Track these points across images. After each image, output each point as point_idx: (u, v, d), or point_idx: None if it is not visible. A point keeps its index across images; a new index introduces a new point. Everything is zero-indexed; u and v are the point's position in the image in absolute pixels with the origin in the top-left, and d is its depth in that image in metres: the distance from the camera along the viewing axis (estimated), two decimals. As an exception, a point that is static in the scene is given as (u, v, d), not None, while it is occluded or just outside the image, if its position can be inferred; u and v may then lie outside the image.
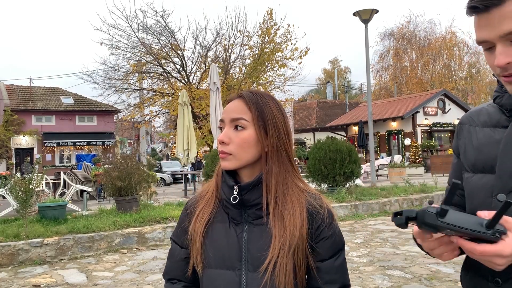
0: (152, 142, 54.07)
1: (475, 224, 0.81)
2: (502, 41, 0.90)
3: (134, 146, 25.52)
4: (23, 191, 6.53)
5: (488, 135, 1.06)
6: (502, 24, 0.88)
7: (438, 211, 0.81)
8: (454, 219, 0.81)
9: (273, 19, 18.79)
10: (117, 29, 18.21)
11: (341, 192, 9.16)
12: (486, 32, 0.91)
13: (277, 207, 1.10)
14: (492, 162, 1.02)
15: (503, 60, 0.90)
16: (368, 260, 5.35)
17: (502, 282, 0.96)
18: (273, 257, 1.06)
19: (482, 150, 1.06)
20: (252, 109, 1.10)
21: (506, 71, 0.92)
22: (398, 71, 36.82)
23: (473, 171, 1.07)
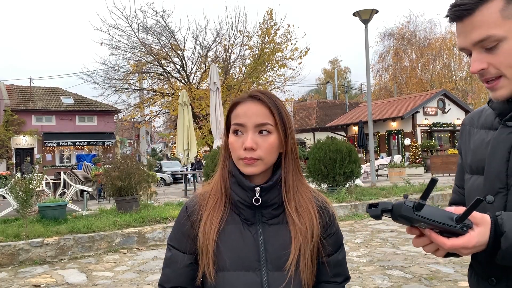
0: (152, 142, 54.08)
1: (446, 218, 0.87)
2: (476, 48, 0.94)
3: (134, 146, 25.57)
4: (23, 191, 6.53)
5: (482, 137, 1.08)
6: (472, 32, 0.93)
7: (415, 205, 0.87)
8: (428, 213, 0.87)
9: (273, 19, 18.79)
10: (117, 29, 18.22)
11: (341, 192, 9.16)
12: (462, 40, 0.97)
13: (294, 205, 1.14)
14: (483, 164, 1.04)
15: (477, 66, 0.95)
16: (368, 260, 5.35)
17: (496, 281, 0.98)
18: (295, 254, 1.09)
19: (476, 152, 1.08)
20: (275, 113, 1.11)
21: (482, 77, 0.97)
22: (398, 71, 36.83)
23: (471, 172, 1.10)
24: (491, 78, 0.96)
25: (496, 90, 0.97)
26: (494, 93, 0.98)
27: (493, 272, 0.98)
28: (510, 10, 0.91)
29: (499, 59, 0.93)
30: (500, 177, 0.99)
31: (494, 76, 0.95)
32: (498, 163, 0.99)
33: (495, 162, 1.00)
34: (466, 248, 0.88)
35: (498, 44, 0.92)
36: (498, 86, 0.96)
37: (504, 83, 0.95)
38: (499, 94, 0.97)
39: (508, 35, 0.91)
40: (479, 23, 0.92)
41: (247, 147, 1.07)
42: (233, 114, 1.13)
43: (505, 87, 0.95)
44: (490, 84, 0.97)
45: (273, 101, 1.12)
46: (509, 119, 1.00)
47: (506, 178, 0.98)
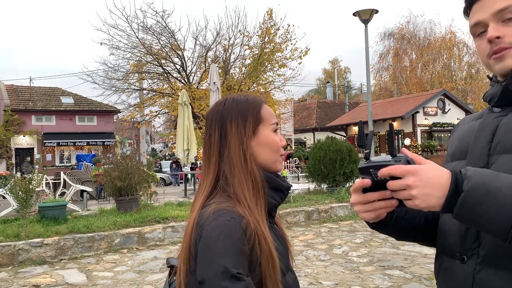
0: (152, 142, 54.06)
1: (384, 158, 0.92)
2: (494, 19, 1.00)
3: (134, 146, 25.52)
4: (23, 191, 6.53)
5: (471, 126, 1.11)
6: (495, 2, 0.99)
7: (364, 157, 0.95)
8: (373, 159, 0.93)
9: (273, 19, 18.78)
10: (117, 29, 18.21)
11: (341, 192, 9.16)
12: (480, 14, 1.02)
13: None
14: (467, 148, 1.07)
15: (493, 33, 0.99)
16: (368, 260, 5.35)
17: (467, 259, 0.98)
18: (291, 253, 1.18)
19: (462, 140, 1.12)
20: None
21: (496, 46, 1.00)
22: (398, 71, 36.81)
23: (452, 160, 1.13)
24: (503, 48, 1.00)
25: (505, 59, 1.00)
26: (502, 62, 1.01)
27: (464, 249, 0.98)
28: None
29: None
30: (482, 157, 1.01)
31: (507, 46, 0.99)
32: (481, 145, 1.02)
33: (479, 144, 1.02)
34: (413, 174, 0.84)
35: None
36: (508, 55, 1.00)
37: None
38: (508, 63, 1.00)
39: None
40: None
41: (284, 144, 1.14)
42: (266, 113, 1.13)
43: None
44: (500, 54, 1.00)
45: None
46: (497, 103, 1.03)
47: (488, 157, 1.00)
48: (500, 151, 0.98)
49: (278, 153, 1.12)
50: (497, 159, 0.98)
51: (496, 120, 1.02)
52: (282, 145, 1.13)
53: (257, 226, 0.99)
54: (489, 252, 0.93)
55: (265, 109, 1.13)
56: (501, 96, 1.01)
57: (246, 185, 1.04)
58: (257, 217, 1.01)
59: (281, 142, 1.13)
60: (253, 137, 1.08)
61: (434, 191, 0.84)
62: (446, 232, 1.06)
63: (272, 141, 1.11)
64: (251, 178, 1.05)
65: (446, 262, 1.06)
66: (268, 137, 1.10)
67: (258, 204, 1.04)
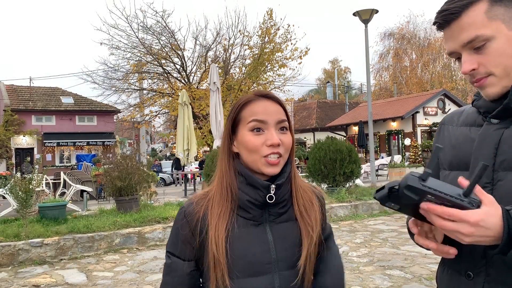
0: (152, 142, 54.05)
1: (453, 191, 0.81)
2: (465, 50, 0.98)
3: (134, 146, 25.50)
4: (23, 191, 6.53)
5: (465, 133, 1.10)
6: (461, 34, 0.97)
7: (421, 175, 0.81)
8: (435, 184, 0.81)
9: (273, 19, 18.78)
10: (117, 29, 18.21)
11: (341, 192, 9.16)
12: (451, 44, 1.00)
13: (302, 201, 1.14)
14: (467, 159, 1.05)
15: (468, 67, 0.98)
16: (368, 260, 5.35)
17: (474, 276, 0.97)
18: (308, 251, 1.10)
19: (458, 148, 1.10)
20: (287, 111, 1.13)
21: (473, 77, 0.99)
22: (398, 71, 36.83)
23: (450, 169, 1.11)
24: (481, 78, 0.99)
25: (486, 88, 1.00)
26: (485, 91, 1.01)
27: (471, 266, 0.98)
28: (494, 11, 0.96)
29: (488, 59, 0.97)
30: (487, 173, 0.99)
31: (483, 75, 0.99)
32: (485, 159, 1.00)
33: (482, 157, 1.01)
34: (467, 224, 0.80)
35: (486, 44, 0.96)
36: (487, 83, 0.99)
37: (493, 80, 0.98)
38: (490, 91, 1.00)
39: (495, 34, 0.96)
40: (466, 25, 0.96)
41: (274, 143, 1.05)
42: (246, 112, 1.09)
43: (494, 85, 0.99)
44: (479, 83, 1.00)
45: (281, 100, 1.14)
46: (495, 116, 1.02)
47: (493, 173, 0.99)
48: (507, 168, 0.97)
49: (255, 153, 1.06)
50: (505, 177, 0.97)
51: (498, 132, 1.01)
52: (267, 144, 1.06)
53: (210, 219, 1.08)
54: (498, 270, 0.93)
55: (248, 108, 1.09)
56: (501, 112, 1.00)
57: (217, 181, 1.13)
58: (215, 210, 1.08)
59: (266, 141, 1.06)
60: (234, 137, 1.12)
61: (485, 238, 0.83)
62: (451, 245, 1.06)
63: (245, 141, 1.08)
64: (221, 173, 1.12)
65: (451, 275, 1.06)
66: (243, 137, 1.09)
67: (221, 195, 1.10)
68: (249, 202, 1.08)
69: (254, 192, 1.08)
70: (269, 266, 1.07)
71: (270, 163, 1.06)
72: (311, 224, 1.11)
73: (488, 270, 0.95)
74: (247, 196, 1.08)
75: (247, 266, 1.06)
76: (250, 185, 1.08)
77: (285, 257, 1.08)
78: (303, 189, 1.15)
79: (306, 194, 1.16)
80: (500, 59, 0.96)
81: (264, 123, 1.07)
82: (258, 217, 1.09)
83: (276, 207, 1.10)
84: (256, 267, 1.06)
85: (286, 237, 1.10)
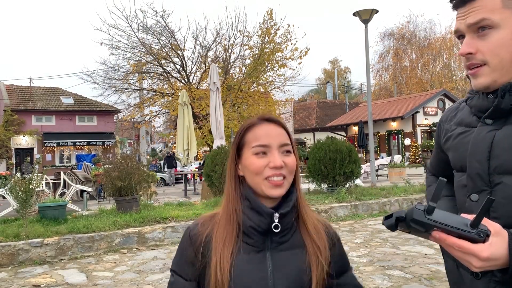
0: (152, 142, 54.04)
1: (460, 223, 0.81)
2: (469, 32, 0.98)
3: (134, 146, 25.54)
4: (23, 191, 6.53)
5: (462, 135, 1.10)
6: (470, 15, 0.98)
7: (425, 208, 0.82)
8: (441, 216, 0.81)
9: (273, 19, 18.78)
10: (117, 29, 18.21)
11: (341, 192, 9.16)
12: (459, 23, 1.01)
13: (309, 228, 1.12)
14: (464, 162, 1.06)
15: (466, 49, 0.98)
16: (368, 260, 5.35)
17: (482, 275, 0.98)
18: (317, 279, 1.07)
19: (457, 150, 1.10)
20: (290, 134, 1.14)
21: (468, 61, 0.99)
22: (398, 71, 36.83)
23: (456, 170, 1.12)
24: (475, 65, 0.99)
25: (477, 77, 0.99)
26: (475, 80, 1.00)
27: None
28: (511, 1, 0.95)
29: (488, 46, 0.96)
30: (483, 176, 1.00)
31: (478, 63, 0.98)
32: (479, 162, 1.00)
33: (476, 161, 1.01)
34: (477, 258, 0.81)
35: (491, 31, 0.96)
36: (479, 73, 0.99)
37: (486, 71, 0.98)
38: (480, 81, 0.99)
39: (502, 23, 0.95)
40: (479, 7, 0.96)
41: (277, 165, 1.05)
42: (250, 136, 1.11)
43: (486, 75, 0.98)
44: (473, 71, 1.00)
45: (284, 124, 1.14)
46: (488, 116, 1.02)
47: (489, 176, 0.99)
48: (501, 172, 0.97)
49: (258, 175, 1.07)
50: (501, 180, 0.96)
51: (490, 134, 1.00)
52: (270, 166, 1.06)
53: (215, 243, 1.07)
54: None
55: (251, 132, 1.11)
56: (493, 113, 1.00)
57: (223, 204, 1.14)
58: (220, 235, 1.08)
59: (269, 163, 1.06)
60: (239, 161, 1.13)
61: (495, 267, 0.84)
62: None
63: (249, 163, 1.08)
64: (227, 198, 1.13)
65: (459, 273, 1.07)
66: (246, 160, 1.10)
67: (227, 220, 1.10)
68: (252, 228, 1.07)
69: (257, 218, 1.07)
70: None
71: (274, 184, 1.06)
72: (319, 250, 1.10)
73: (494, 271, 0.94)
74: (250, 221, 1.07)
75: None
76: (254, 210, 1.07)
77: (283, 285, 1.06)
78: (309, 217, 1.13)
79: (313, 221, 1.14)
80: (499, 50, 0.95)
81: (267, 147, 1.08)
82: (260, 243, 1.08)
83: (278, 235, 1.08)
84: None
85: (286, 265, 1.07)
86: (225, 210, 1.12)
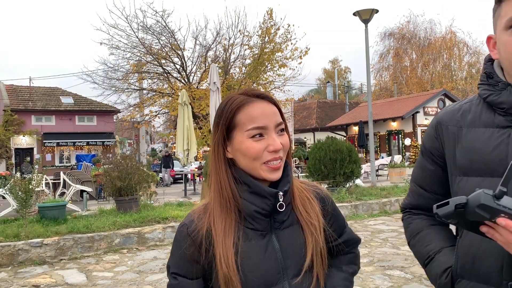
0: (152, 142, 54.06)
1: None
2: None
3: (134, 146, 25.54)
4: (23, 191, 6.53)
5: (484, 136, 1.02)
6: None
7: (495, 193, 0.78)
8: (510, 203, 0.78)
9: (273, 19, 18.76)
10: (117, 29, 18.20)
11: (341, 192, 9.15)
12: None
13: (300, 202, 1.10)
14: (494, 164, 0.98)
15: None
16: (368, 260, 5.34)
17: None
18: (313, 253, 1.06)
19: (479, 152, 1.02)
20: (281, 111, 1.08)
21: None
22: (398, 71, 36.83)
23: (466, 174, 1.04)
24: None
25: None
26: None
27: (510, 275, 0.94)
28: None
29: None
30: None
31: None
32: None
33: None
34: None
35: None
36: None
37: None
38: None
39: None
40: None
41: (277, 148, 1.01)
42: (243, 116, 1.03)
43: None
44: None
45: (276, 100, 1.08)
46: None
47: None
48: None
49: (256, 160, 1.01)
50: None
51: None
52: (270, 149, 1.00)
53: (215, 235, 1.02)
54: None
55: (244, 112, 1.02)
56: None
57: (214, 192, 1.06)
58: (219, 226, 1.02)
59: (268, 147, 1.00)
60: (227, 143, 1.05)
61: None
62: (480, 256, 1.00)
63: (245, 148, 1.01)
64: (218, 184, 1.05)
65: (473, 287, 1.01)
66: (241, 144, 1.02)
67: (222, 209, 1.04)
68: (256, 212, 1.02)
69: (260, 201, 1.02)
70: (278, 275, 1.03)
71: (273, 168, 1.02)
72: (313, 223, 1.07)
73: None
74: (253, 205, 1.02)
75: (260, 280, 1.02)
76: (255, 193, 1.02)
77: (294, 263, 1.04)
78: (297, 188, 1.11)
79: (302, 192, 1.12)
80: None
81: (264, 128, 1.02)
82: (265, 226, 1.04)
83: (281, 214, 1.06)
84: (268, 280, 1.02)
85: (292, 243, 1.06)
86: (217, 198, 1.05)
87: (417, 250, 1.19)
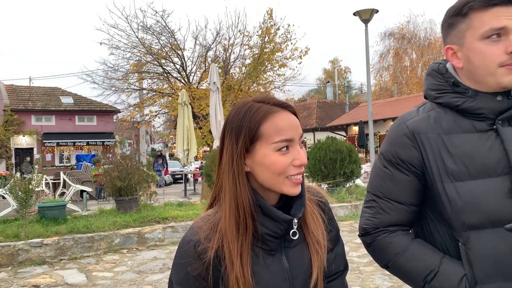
0: (152, 142, 54.07)
1: None
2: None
3: (134, 146, 25.54)
4: (22, 191, 6.52)
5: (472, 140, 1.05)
6: None
7: None
8: None
9: (273, 19, 18.77)
10: (117, 29, 18.21)
11: (341, 192, 9.15)
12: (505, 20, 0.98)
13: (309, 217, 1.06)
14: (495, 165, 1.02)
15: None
16: (369, 260, 5.34)
17: None
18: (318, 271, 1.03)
19: (473, 156, 1.04)
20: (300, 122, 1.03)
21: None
22: (398, 71, 36.82)
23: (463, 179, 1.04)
24: None
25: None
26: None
27: None
28: None
29: None
30: None
31: None
32: None
33: None
34: None
35: None
36: None
37: None
38: None
39: None
40: None
41: (304, 163, 0.96)
42: (269, 128, 0.95)
43: None
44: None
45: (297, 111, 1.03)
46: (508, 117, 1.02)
47: None
48: None
49: (280, 175, 0.95)
50: None
51: None
52: (296, 164, 0.95)
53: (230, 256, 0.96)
54: None
55: (270, 123, 0.95)
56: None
57: (229, 206, 0.97)
58: (234, 248, 0.96)
59: (294, 161, 0.95)
60: (247, 155, 0.97)
61: None
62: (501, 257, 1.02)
63: (270, 162, 0.94)
64: (235, 202, 0.97)
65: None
66: (265, 157, 0.95)
67: (238, 230, 0.97)
68: (268, 235, 0.99)
69: (272, 225, 0.98)
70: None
71: (296, 182, 0.97)
72: (319, 240, 1.04)
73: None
74: (266, 229, 0.98)
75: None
76: (268, 217, 0.98)
77: (299, 284, 1.03)
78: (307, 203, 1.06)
79: (308, 206, 1.06)
80: None
81: (291, 141, 0.96)
82: (275, 246, 1.01)
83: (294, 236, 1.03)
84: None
85: (300, 262, 1.04)
86: (232, 218, 0.97)
87: (411, 268, 1.12)
